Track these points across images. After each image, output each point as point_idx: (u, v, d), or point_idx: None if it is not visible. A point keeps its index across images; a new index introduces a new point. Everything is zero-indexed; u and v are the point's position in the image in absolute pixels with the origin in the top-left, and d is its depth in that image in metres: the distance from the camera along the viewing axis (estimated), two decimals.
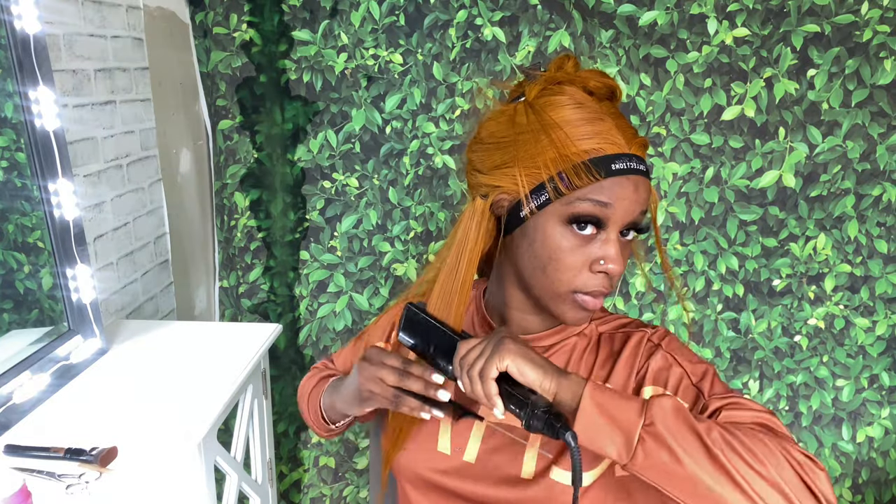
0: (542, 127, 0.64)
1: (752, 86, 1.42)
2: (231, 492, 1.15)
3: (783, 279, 1.52)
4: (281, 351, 1.65)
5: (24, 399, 0.98)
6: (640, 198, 0.65)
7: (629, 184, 0.64)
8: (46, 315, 1.14)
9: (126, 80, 1.38)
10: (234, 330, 1.29)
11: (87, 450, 0.82)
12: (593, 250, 0.65)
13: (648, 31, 1.41)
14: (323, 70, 1.49)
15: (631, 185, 0.64)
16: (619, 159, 0.63)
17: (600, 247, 0.65)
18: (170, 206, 1.54)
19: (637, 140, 0.65)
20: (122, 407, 1.00)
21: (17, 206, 1.08)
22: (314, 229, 1.59)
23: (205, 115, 1.58)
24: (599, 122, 0.64)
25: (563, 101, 0.65)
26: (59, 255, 1.08)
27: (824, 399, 1.58)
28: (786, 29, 1.38)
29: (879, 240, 1.48)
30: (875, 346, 1.54)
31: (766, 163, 1.46)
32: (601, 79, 0.67)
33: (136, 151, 1.42)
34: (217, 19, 1.47)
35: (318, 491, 1.76)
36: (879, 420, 1.57)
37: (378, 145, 1.53)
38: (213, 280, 1.70)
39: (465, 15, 1.43)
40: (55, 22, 1.15)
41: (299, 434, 1.72)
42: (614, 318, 0.76)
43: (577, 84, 0.67)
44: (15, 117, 1.03)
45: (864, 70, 1.38)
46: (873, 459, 1.60)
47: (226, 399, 1.02)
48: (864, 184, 1.45)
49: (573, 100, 0.65)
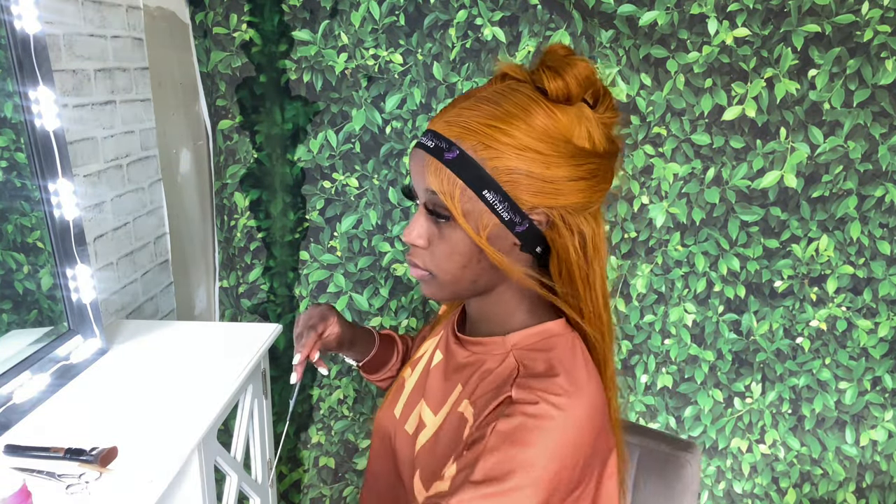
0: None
1: (752, 86, 1.42)
2: (231, 492, 1.15)
3: (785, 280, 1.52)
4: (280, 351, 1.65)
5: (24, 399, 0.98)
6: (419, 171, 0.67)
7: (415, 155, 0.67)
8: (46, 315, 1.13)
9: (126, 80, 1.38)
10: (234, 330, 1.28)
11: (87, 450, 0.82)
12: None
13: (649, 31, 1.40)
14: (323, 70, 1.49)
15: (416, 156, 0.67)
16: (423, 135, 0.67)
17: None
18: (170, 206, 1.54)
19: (442, 118, 0.66)
20: (121, 407, 1.00)
21: (16, 207, 1.08)
22: (314, 229, 1.59)
23: (205, 115, 1.58)
24: (453, 101, 0.68)
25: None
26: (59, 255, 1.08)
27: (827, 402, 1.57)
28: (786, 29, 1.38)
29: (882, 241, 1.48)
30: (878, 349, 1.53)
31: (767, 163, 1.46)
32: (552, 80, 0.65)
33: (136, 151, 1.42)
34: (217, 19, 1.47)
35: (318, 491, 1.75)
36: (883, 423, 1.57)
37: (378, 145, 1.53)
38: (213, 280, 1.70)
39: (465, 15, 1.43)
40: (55, 22, 1.15)
41: (299, 435, 1.72)
42: (537, 357, 0.68)
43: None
44: (15, 117, 1.03)
45: (865, 70, 1.38)
46: (877, 463, 1.59)
47: (226, 399, 1.02)
48: (866, 184, 1.45)
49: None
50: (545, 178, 0.63)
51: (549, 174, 0.63)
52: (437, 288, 0.70)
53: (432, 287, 0.71)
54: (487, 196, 0.63)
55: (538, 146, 0.63)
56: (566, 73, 0.64)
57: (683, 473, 0.93)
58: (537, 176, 0.63)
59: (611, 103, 0.68)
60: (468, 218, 0.64)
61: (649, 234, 1.53)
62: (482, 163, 0.63)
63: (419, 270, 0.70)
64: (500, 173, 0.63)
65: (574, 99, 0.65)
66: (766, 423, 1.60)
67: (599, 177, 0.66)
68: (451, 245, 0.66)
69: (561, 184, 0.64)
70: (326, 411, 1.70)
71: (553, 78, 0.64)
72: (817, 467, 1.61)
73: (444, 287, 0.70)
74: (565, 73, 0.64)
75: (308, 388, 1.69)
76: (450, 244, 0.66)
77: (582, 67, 0.64)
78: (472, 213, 0.64)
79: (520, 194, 0.63)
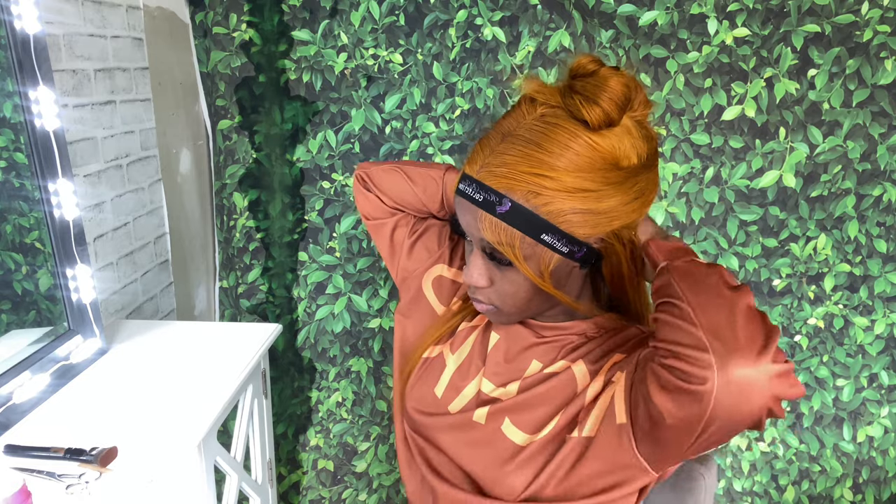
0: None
1: (752, 86, 1.42)
2: (231, 492, 1.15)
3: (783, 279, 1.52)
4: (279, 352, 1.65)
5: (24, 399, 0.98)
6: (471, 223, 0.66)
7: (462, 205, 0.67)
8: (44, 316, 1.13)
9: (126, 80, 1.38)
10: (234, 330, 1.28)
11: (87, 450, 0.82)
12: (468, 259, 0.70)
13: (648, 31, 1.41)
14: (322, 70, 1.49)
15: (463, 207, 0.67)
16: (464, 181, 0.66)
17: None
18: (170, 206, 1.54)
19: (485, 168, 0.64)
20: (122, 407, 0.99)
21: (15, 207, 1.08)
22: (313, 230, 1.59)
23: (205, 115, 1.57)
24: (483, 140, 0.66)
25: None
26: (59, 256, 1.08)
27: (825, 399, 1.58)
28: (786, 29, 1.38)
29: (879, 239, 1.48)
30: (874, 346, 1.54)
31: (766, 163, 1.46)
32: (587, 108, 0.62)
33: (136, 151, 1.42)
34: (217, 19, 1.47)
35: (317, 493, 1.75)
36: (879, 419, 1.57)
37: (378, 145, 1.53)
38: (214, 280, 1.70)
39: (465, 15, 1.43)
40: (55, 22, 1.15)
41: (298, 436, 1.72)
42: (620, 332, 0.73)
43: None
44: (15, 117, 1.03)
45: (864, 70, 1.38)
46: (873, 458, 1.60)
47: (226, 399, 1.02)
48: (864, 184, 1.45)
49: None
50: (598, 211, 0.63)
51: (602, 207, 0.63)
52: (505, 317, 0.72)
53: (500, 317, 0.72)
54: (546, 238, 0.63)
55: (587, 185, 0.62)
56: (601, 98, 0.61)
57: (695, 487, 0.85)
58: (591, 211, 0.63)
59: (643, 97, 0.66)
60: (529, 262, 0.65)
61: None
62: (535, 210, 0.62)
63: (484, 305, 0.71)
64: (555, 216, 0.62)
65: (616, 122, 0.63)
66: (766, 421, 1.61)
67: (648, 189, 0.67)
68: (516, 285, 0.68)
69: (615, 211, 0.64)
70: (325, 414, 1.70)
71: (590, 107, 0.61)
72: (815, 464, 1.62)
73: (511, 316, 0.72)
74: (600, 98, 0.61)
75: (307, 389, 1.69)
76: (514, 285, 0.68)
77: (615, 84, 0.62)
78: (532, 257, 0.64)
79: (576, 230, 0.63)
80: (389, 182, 0.87)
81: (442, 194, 0.85)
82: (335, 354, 1.66)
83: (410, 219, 0.89)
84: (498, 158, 0.63)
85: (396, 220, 0.89)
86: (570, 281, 0.69)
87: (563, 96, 0.64)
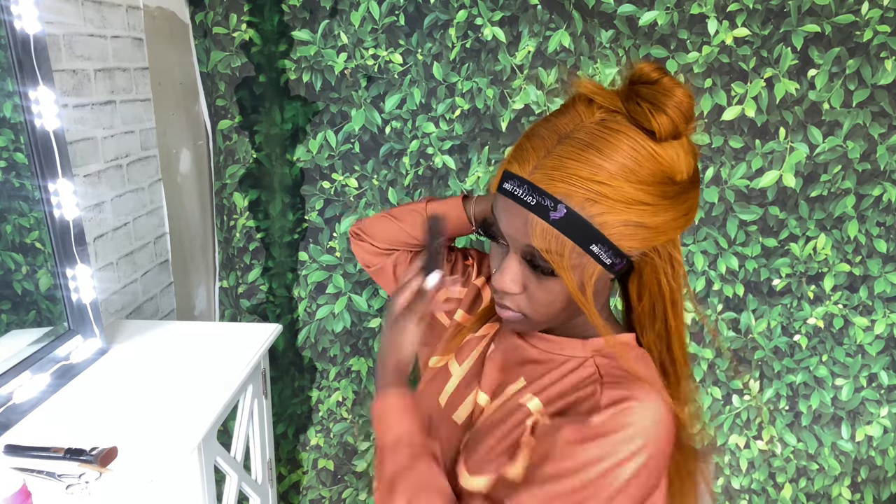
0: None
1: (752, 86, 1.42)
2: (231, 492, 1.15)
3: (783, 279, 1.53)
4: (280, 353, 1.65)
5: (24, 399, 0.98)
6: (518, 227, 0.62)
7: (508, 207, 0.62)
8: (44, 316, 1.13)
9: (126, 80, 1.38)
10: (234, 330, 1.28)
11: (87, 450, 0.82)
12: (500, 263, 0.66)
13: (648, 32, 1.41)
14: (323, 70, 1.49)
15: (510, 208, 0.62)
16: (511, 180, 0.62)
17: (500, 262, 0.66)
18: (170, 206, 1.54)
19: (540, 169, 0.60)
20: (122, 407, 0.99)
21: (15, 207, 1.08)
22: (313, 230, 1.59)
23: (205, 115, 1.57)
24: (535, 139, 0.62)
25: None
26: (60, 256, 1.08)
27: (824, 398, 1.58)
28: (786, 29, 1.38)
29: (879, 239, 1.48)
30: (874, 346, 1.54)
31: (766, 163, 1.46)
32: (655, 117, 0.59)
33: (136, 151, 1.42)
34: (217, 19, 1.47)
35: (318, 493, 1.75)
36: (878, 419, 1.58)
37: (378, 145, 1.53)
38: (214, 280, 1.70)
39: (465, 15, 1.43)
40: (55, 22, 1.15)
41: (298, 436, 1.72)
42: (616, 366, 0.68)
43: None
44: (15, 117, 1.03)
45: (864, 70, 1.38)
46: (872, 458, 1.60)
47: (226, 399, 1.02)
48: (864, 184, 1.45)
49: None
50: (650, 225, 0.61)
51: (655, 221, 0.61)
52: (529, 326, 0.69)
53: (524, 325, 0.69)
54: (594, 249, 0.61)
55: (646, 197, 0.60)
56: (668, 107, 0.59)
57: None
58: (643, 225, 0.61)
59: (693, 113, 0.63)
60: (574, 272, 0.61)
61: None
62: (590, 219, 0.59)
63: (512, 313, 0.67)
64: (608, 227, 0.60)
65: (681, 134, 0.61)
66: (764, 419, 1.61)
67: (695, 206, 0.65)
68: (552, 295, 0.64)
69: (665, 226, 0.62)
70: (325, 413, 1.70)
71: (658, 115, 0.59)
72: (813, 463, 1.62)
73: (536, 325, 0.69)
74: (667, 107, 0.59)
75: (308, 389, 1.69)
76: (550, 294, 0.64)
77: (682, 95, 0.60)
78: (577, 267, 0.61)
79: (625, 242, 0.61)
80: (379, 227, 0.90)
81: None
82: (335, 354, 1.66)
83: (406, 255, 0.91)
84: (556, 161, 0.59)
85: (394, 259, 0.91)
86: (600, 295, 0.67)
87: (627, 102, 0.61)
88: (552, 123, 0.63)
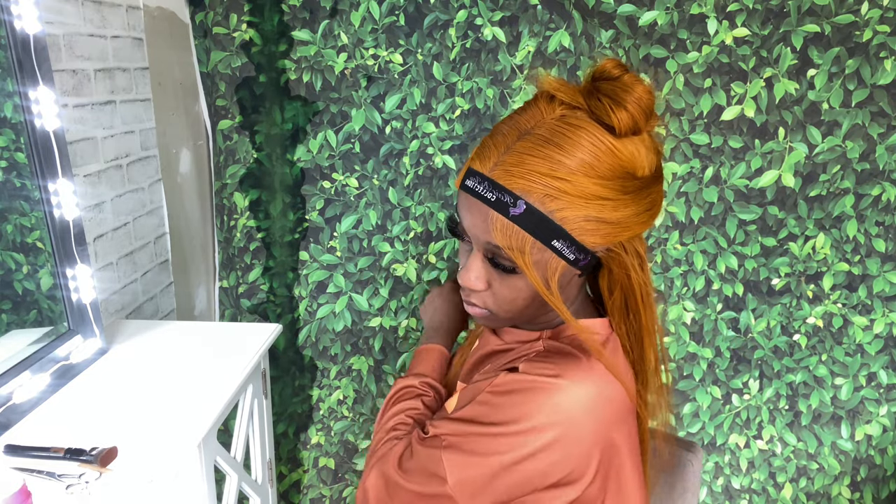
0: None
1: (751, 86, 1.42)
2: (231, 492, 1.15)
3: (782, 278, 1.53)
4: (280, 352, 1.65)
5: (24, 399, 0.98)
6: (478, 224, 0.62)
7: (470, 204, 0.62)
8: (45, 316, 1.13)
9: (126, 80, 1.38)
10: (234, 330, 1.29)
11: (87, 450, 0.82)
12: (465, 260, 0.67)
13: (648, 31, 1.41)
14: (323, 70, 1.49)
15: (472, 205, 0.62)
16: (473, 177, 0.62)
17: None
18: (170, 206, 1.54)
19: (500, 166, 0.60)
20: (122, 407, 1.00)
21: (16, 207, 1.08)
22: (314, 229, 1.59)
23: (205, 115, 1.58)
24: (497, 136, 0.62)
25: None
26: (59, 255, 1.08)
27: (823, 398, 1.58)
28: (786, 29, 1.38)
29: (878, 238, 1.48)
30: (873, 345, 1.54)
31: (765, 163, 1.46)
32: (613, 112, 0.60)
33: (136, 151, 1.42)
34: (217, 19, 1.47)
35: (318, 492, 1.76)
36: (878, 418, 1.58)
37: (378, 145, 1.53)
38: (214, 280, 1.70)
39: (465, 15, 1.43)
40: (55, 22, 1.15)
41: (298, 435, 1.72)
42: (563, 346, 0.69)
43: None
44: (15, 117, 1.03)
45: (864, 70, 1.38)
46: (871, 457, 1.61)
47: (226, 399, 1.02)
48: (863, 183, 1.46)
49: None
50: (612, 220, 0.61)
51: (616, 216, 0.61)
52: (496, 322, 0.70)
53: (491, 321, 0.70)
54: (556, 245, 0.61)
55: (605, 192, 0.60)
56: (628, 102, 0.59)
57: (685, 473, 0.93)
58: (605, 220, 0.61)
59: (654, 109, 0.64)
60: (536, 268, 0.61)
61: (648, 233, 1.53)
62: (550, 214, 0.59)
63: (478, 309, 0.68)
64: (569, 223, 0.60)
65: (641, 129, 0.61)
66: (764, 419, 1.61)
67: (658, 201, 0.65)
68: (515, 291, 0.65)
69: (627, 221, 0.62)
70: (326, 412, 1.70)
71: (618, 111, 0.59)
72: (813, 462, 1.62)
73: (503, 321, 0.70)
74: (627, 102, 0.59)
75: (308, 387, 1.69)
76: (513, 290, 0.65)
77: (642, 91, 0.60)
78: (539, 263, 0.61)
79: (587, 238, 0.61)
80: (424, 365, 0.87)
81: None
82: (336, 353, 1.66)
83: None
84: (515, 157, 0.60)
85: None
86: (568, 290, 0.67)
87: (588, 97, 0.61)
88: (514, 120, 0.63)
